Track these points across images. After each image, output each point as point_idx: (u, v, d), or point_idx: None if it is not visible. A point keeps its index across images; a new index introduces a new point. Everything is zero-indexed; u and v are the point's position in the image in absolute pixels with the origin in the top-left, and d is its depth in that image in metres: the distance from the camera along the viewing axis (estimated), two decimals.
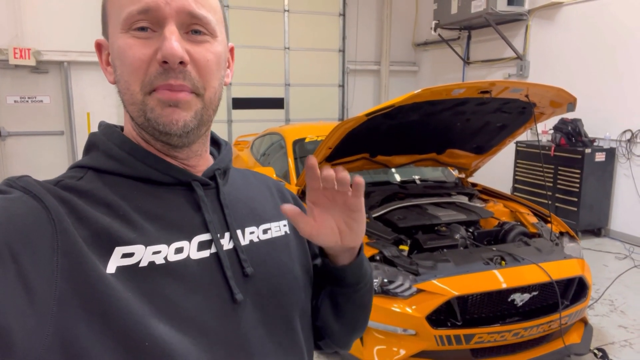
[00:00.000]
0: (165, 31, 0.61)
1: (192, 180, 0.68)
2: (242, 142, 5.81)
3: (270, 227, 0.76)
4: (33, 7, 6.36)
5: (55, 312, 0.51)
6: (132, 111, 0.64)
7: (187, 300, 0.61)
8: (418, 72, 8.99)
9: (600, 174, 5.19)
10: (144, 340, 0.55)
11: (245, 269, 0.68)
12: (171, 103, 0.62)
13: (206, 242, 0.66)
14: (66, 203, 0.58)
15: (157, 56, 0.61)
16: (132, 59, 0.61)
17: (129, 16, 0.61)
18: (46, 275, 0.52)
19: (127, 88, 0.63)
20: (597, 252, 4.81)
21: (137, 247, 0.59)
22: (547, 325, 2.51)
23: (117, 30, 0.63)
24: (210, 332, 0.62)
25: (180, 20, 0.62)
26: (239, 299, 0.65)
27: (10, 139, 6.63)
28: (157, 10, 0.61)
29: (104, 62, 0.69)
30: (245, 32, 7.52)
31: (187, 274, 0.62)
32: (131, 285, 0.57)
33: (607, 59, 5.30)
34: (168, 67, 0.61)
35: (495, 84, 2.57)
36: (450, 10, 6.82)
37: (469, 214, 3.04)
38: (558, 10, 5.88)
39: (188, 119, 0.64)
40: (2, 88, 6.50)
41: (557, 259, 2.65)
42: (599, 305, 3.58)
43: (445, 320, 2.41)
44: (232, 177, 0.78)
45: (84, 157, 0.68)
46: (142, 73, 0.61)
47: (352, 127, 2.67)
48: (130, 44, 0.61)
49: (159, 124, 0.63)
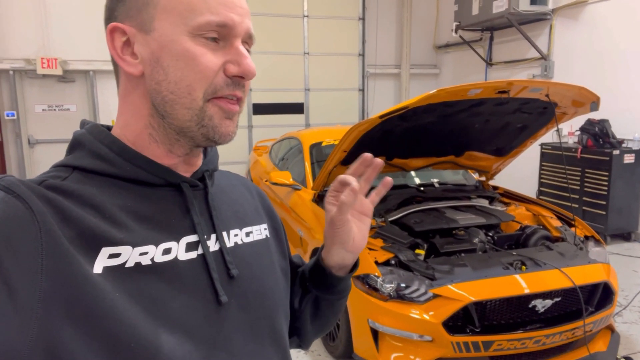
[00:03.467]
0: (240, 49, 0.64)
1: (181, 182, 0.68)
2: (261, 147, 5.83)
3: (252, 231, 0.77)
4: (59, 18, 6.56)
5: (39, 313, 0.51)
6: (185, 115, 0.64)
7: (173, 301, 0.61)
8: (439, 75, 8.89)
9: (629, 176, 5.01)
10: (129, 342, 0.55)
11: (231, 271, 0.68)
12: (230, 115, 0.65)
13: (193, 244, 0.66)
14: (51, 203, 0.57)
15: (228, 69, 0.63)
16: (204, 66, 0.62)
17: (206, 24, 0.62)
18: (30, 277, 0.52)
19: (189, 92, 0.63)
20: (627, 257, 4.63)
21: (124, 247, 0.59)
22: (571, 333, 2.42)
23: (179, 31, 0.62)
24: (195, 333, 0.62)
25: (243, 38, 0.66)
26: (223, 301, 0.65)
27: (38, 146, 6.83)
28: (232, 28, 0.63)
29: (119, 49, 0.66)
30: (265, 38, 7.59)
31: (173, 275, 0.62)
32: (118, 286, 0.57)
33: (634, 58, 5.13)
34: (238, 80, 0.65)
35: (513, 83, 2.50)
36: (472, 11, 6.72)
37: (489, 218, 2.97)
38: (583, 9, 5.73)
39: (235, 130, 0.68)
40: (30, 97, 6.72)
41: (581, 264, 2.56)
42: (627, 312, 3.43)
43: (463, 326, 2.35)
44: (217, 178, 0.78)
45: (68, 156, 0.66)
46: (209, 81, 0.63)
47: (366, 129, 2.64)
48: (203, 52, 0.62)
49: (215, 134, 0.65)
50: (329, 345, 2.92)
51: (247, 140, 7.81)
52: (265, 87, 7.72)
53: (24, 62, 6.47)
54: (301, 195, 3.51)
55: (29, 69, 6.49)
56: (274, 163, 4.73)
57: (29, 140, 6.76)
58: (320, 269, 0.82)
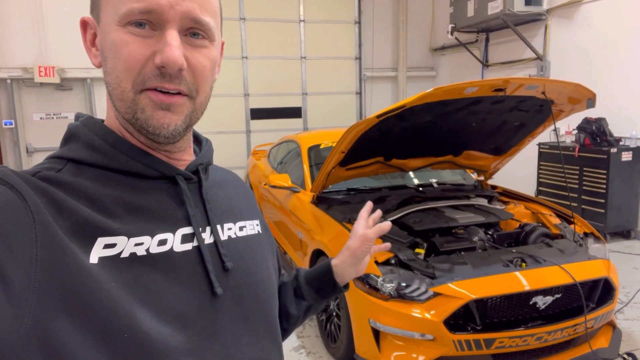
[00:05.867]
0: (167, 36, 0.60)
1: (176, 174, 0.68)
2: (259, 151, 5.83)
3: (246, 225, 0.77)
4: (56, 26, 6.58)
5: (33, 304, 0.51)
6: (120, 107, 0.64)
7: (168, 292, 0.60)
8: (436, 77, 8.91)
9: (628, 174, 5.02)
10: (123, 332, 0.54)
11: (225, 263, 0.68)
12: (163, 106, 0.62)
13: (188, 235, 0.66)
14: (45, 194, 0.57)
15: (155, 59, 0.60)
16: (128, 56, 0.60)
17: (129, 12, 0.59)
18: (24, 268, 0.51)
19: (118, 84, 0.62)
20: (627, 255, 4.63)
21: (119, 238, 0.59)
22: (572, 329, 2.41)
23: (112, 20, 0.61)
24: (190, 324, 0.62)
25: (182, 24, 0.61)
26: (218, 293, 0.65)
27: (36, 155, 6.83)
28: (160, 14, 0.59)
29: (88, 41, 0.67)
30: (262, 44, 7.61)
31: (169, 266, 0.62)
32: (113, 276, 0.56)
33: (630, 56, 5.15)
34: (165, 72, 0.60)
35: (509, 81, 2.51)
36: (467, 13, 6.74)
37: (488, 216, 2.97)
38: (578, 9, 5.76)
39: (179, 123, 0.64)
40: (28, 105, 6.72)
41: (581, 260, 2.56)
42: (628, 309, 3.43)
43: (464, 324, 2.34)
44: (212, 173, 0.78)
45: (62, 148, 0.66)
46: (136, 72, 0.60)
47: (363, 129, 2.64)
48: (127, 41, 0.60)
49: (148, 126, 0.62)
50: (331, 347, 2.91)
51: (245, 145, 7.82)
52: (262, 92, 7.74)
53: (22, 71, 6.48)
54: (300, 197, 3.50)
55: (26, 78, 6.50)
56: (272, 166, 4.73)
57: (27, 148, 6.76)
58: (329, 280, 0.97)
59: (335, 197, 3.36)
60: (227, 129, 7.54)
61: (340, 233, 2.79)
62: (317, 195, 3.33)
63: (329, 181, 3.22)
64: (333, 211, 3.08)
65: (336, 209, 3.11)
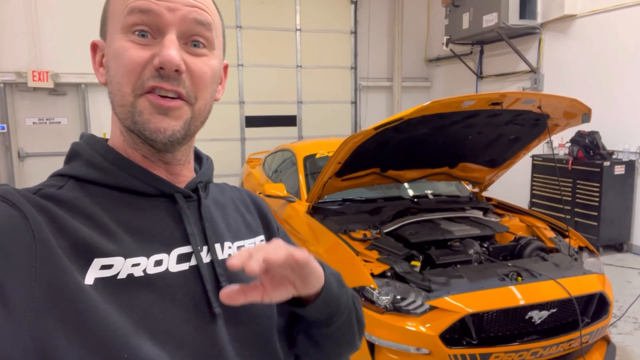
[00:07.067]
0: (165, 39, 0.61)
1: (174, 192, 0.68)
2: (254, 159, 5.82)
3: (244, 245, 0.76)
4: (51, 31, 6.54)
5: (32, 322, 0.51)
6: (121, 113, 0.64)
7: (165, 313, 0.60)
8: (431, 88, 8.97)
9: (620, 187, 5.06)
10: (123, 353, 0.54)
11: (222, 283, 0.67)
12: (161, 110, 0.62)
13: (185, 255, 0.65)
14: (45, 212, 0.57)
15: (154, 61, 0.61)
16: (128, 60, 0.61)
17: (130, 12, 0.61)
18: (23, 285, 0.51)
19: (119, 89, 0.62)
20: (620, 268, 4.65)
21: (116, 259, 0.59)
22: (568, 344, 2.40)
23: (116, 31, 0.63)
24: (188, 345, 0.61)
25: (182, 29, 0.62)
26: (217, 312, 0.64)
27: (29, 160, 6.77)
28: (158, 16, 0.61)
29: (97, 62, 0.69)
30: (258, 52, 7.63)
31: (165, 287, 0.61)
32: (109, 298, 0.56)
33: (623, 70, 5.21)
34: (163, 72, 0.61)
35: (506, 95, 2.52)
36: (462, 26, 6.81)
37: (483, 229, 2.97)
38: (572, 23, 5.83)
39: (177, 129, 0.64)
40: (21, 110, 6.67)
41: (576, 275, 2.56)
42: (622, 323, 3.44)
43: (460, 338, 2.33)
44: (212, 191, 0.78)
45: (65, 166, 0.67)
46: (136, 76, 0.61)
47: (360, 141, 2.64)
48: (128, 47, 0.61)
49: (145, 130, 0.62)
50: None
51: (239, 153, 7.80)
52: (258, 100, 7.74)
53: (15, 75, 6.43)
54: (295, 207, 3.49)
55: (19, 82, 6.46)
56: (267, 175, 4.71)
57: (19, 153, 6.69)
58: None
59: (330, 208, 3.35)
60: (222, 137, 7.52)
61: (336, 244, 2.77)
62: (312, 205, 3.31)
63: (325, 191, 3.21)
64: (328, 222, 3.06)
65: (331, 220, 3.10)
